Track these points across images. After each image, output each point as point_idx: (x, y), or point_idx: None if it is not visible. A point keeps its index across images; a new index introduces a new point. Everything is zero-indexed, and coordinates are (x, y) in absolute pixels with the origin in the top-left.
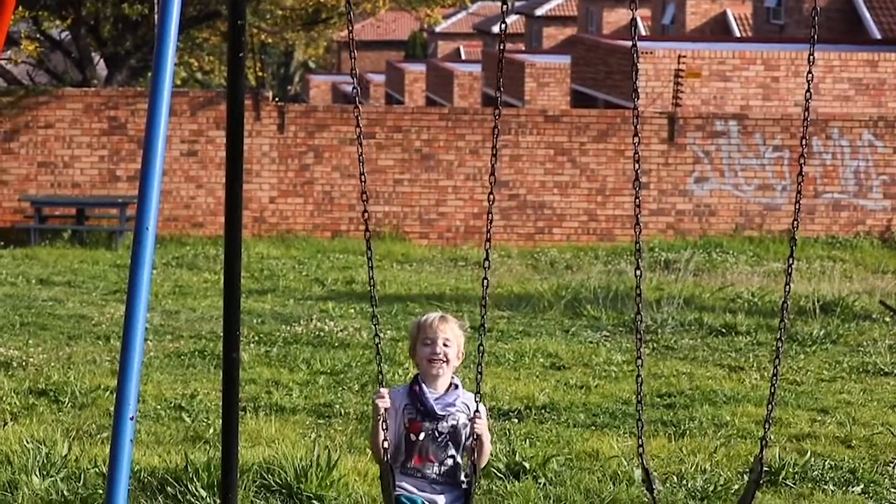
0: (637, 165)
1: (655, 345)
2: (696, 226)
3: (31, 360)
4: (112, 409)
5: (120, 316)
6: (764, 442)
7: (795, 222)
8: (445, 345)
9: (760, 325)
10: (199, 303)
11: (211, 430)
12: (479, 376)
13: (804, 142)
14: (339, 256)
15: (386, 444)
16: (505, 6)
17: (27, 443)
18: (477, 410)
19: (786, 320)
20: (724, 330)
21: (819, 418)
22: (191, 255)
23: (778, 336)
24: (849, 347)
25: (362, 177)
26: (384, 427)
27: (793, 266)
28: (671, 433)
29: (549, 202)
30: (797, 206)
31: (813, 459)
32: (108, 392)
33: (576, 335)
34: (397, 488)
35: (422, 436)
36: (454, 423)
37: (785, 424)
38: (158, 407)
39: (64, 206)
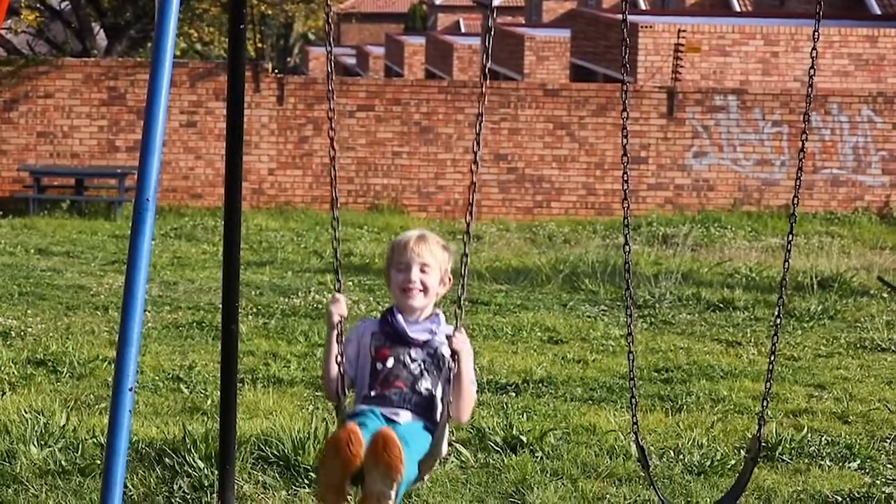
0: (626, 141)
1: (653, 319)
2: (695, 200)
3: (30, 329)
4: (110, 379)
5: (118, 286)
6: (762, 421)
7: (795, 199)
8: (423, 271)
9: (758, 300)
10: (198, 274)
11: (209, 402)
12: (461, 301)
13: (806, 118)
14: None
15: (340, 359)
16: None
17: (25, 412)
18: (456, 328)
19: (784, 297)
20: (721, 305)
21: (816, 394)
22: (189, 226)
23: (776, 313)
24: (846, 323)
25: (333, 152)
26: (339, 341)
27: (792, 243)
28: (668, 408)
29: (548, 176)
30: (797, 183)
31: (810, 435)
32: (106, 362)
33: (574, 309)
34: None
35: (389, 362)
36: (430, 351)
37: (782, 400)
38: (156, 378)
39: (63, 177)
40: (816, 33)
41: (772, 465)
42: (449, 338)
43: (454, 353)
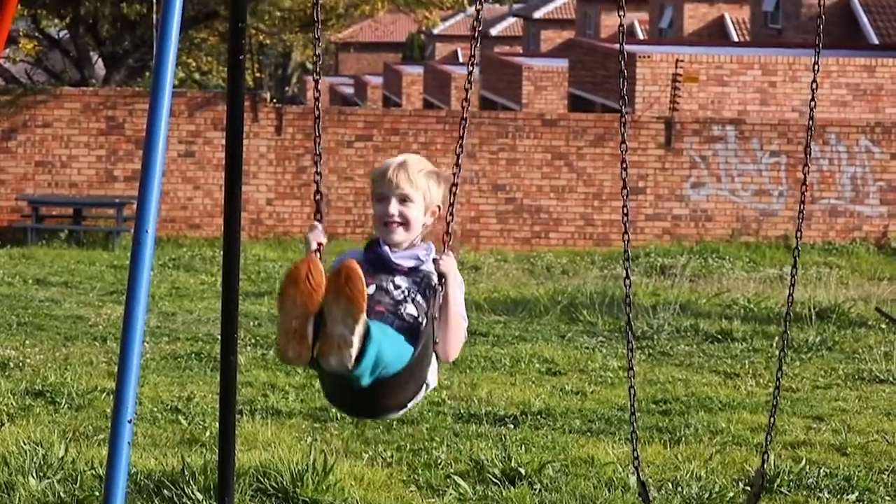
0: (625, 174)
1: (651, 351)
2: (693, 231)
3: (28, 360)
4: (109, 410)
5: (116, 317)
6: (765, 455)
7: (799, 233)
8: (403, 202)
9: (756, 331)
10: (196, 304)
11: (207, 433)
12: (449, 227)
13: (808, 150)
14: (335, 259)
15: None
16: (479, 7)
17: (24, 444)
18: (444, 251)
19: (787, 331)
20: (719, 336)
21: (814, 426)
22: (188, 256)
23: (781, 347)
24: (844, 354)
25: (317, 176)
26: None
27: (795, 277)
28: (666, 440)
29: (546, 206)
30: (800, 217)
31: (808, 467)
32: (104, 394)
33: (572, 340)
34: None
35: (371, 289)
36: (417, 279)
37: (780, 432)
38: (155, 409)
39: (61, 206)
40: (816, 65)
41: (770, 498)
42: (436, 261)
43: (441, 277)
